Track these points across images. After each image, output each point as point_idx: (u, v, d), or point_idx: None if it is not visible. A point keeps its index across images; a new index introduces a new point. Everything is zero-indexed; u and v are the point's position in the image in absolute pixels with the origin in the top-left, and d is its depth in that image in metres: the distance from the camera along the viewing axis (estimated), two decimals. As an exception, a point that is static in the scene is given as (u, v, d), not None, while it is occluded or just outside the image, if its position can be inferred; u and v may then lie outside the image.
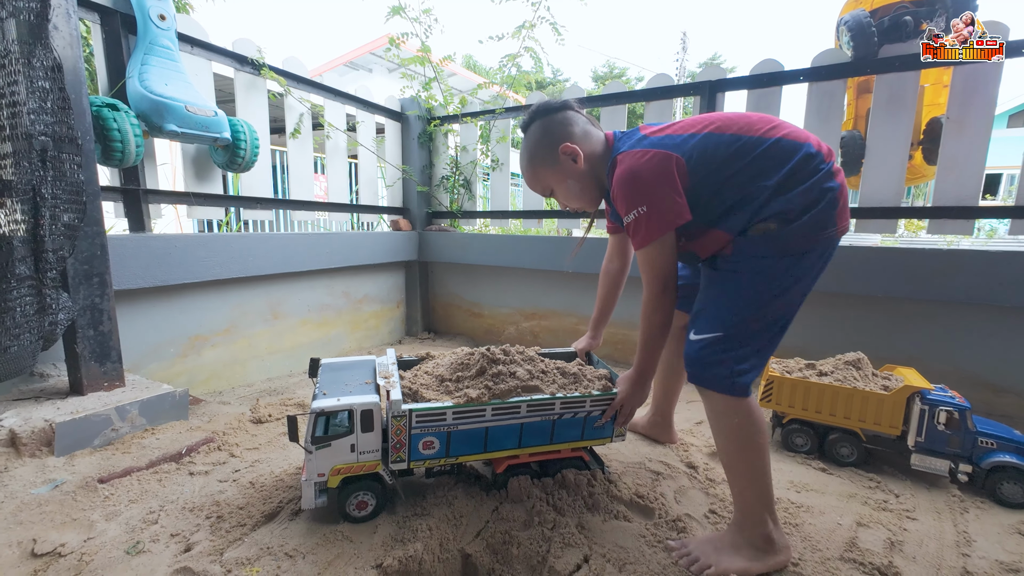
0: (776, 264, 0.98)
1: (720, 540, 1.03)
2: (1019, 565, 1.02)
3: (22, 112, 1.14)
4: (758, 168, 0.99)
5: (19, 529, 1.04)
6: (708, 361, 1.00)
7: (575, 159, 1.14)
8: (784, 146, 0.99)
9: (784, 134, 1.00)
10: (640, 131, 1.13)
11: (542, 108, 1.18)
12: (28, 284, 1.16)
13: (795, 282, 0.99)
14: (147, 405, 1.45)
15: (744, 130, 1.02)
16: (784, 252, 0.98)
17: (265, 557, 0.98)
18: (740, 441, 1.00)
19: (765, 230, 0.99)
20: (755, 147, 1.00)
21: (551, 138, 1.15)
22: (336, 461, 1.07)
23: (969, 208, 1.85)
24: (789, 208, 0.96)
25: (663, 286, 1.06)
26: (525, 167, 1.22)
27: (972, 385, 1.80)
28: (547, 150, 1.16)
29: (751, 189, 0.99)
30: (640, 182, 1.02)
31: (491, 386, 1.13)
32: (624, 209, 1.05)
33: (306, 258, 2.30)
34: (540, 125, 1.17)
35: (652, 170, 1.01)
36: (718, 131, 1.03)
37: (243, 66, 2.07)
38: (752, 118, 1.05)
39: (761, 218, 0.99)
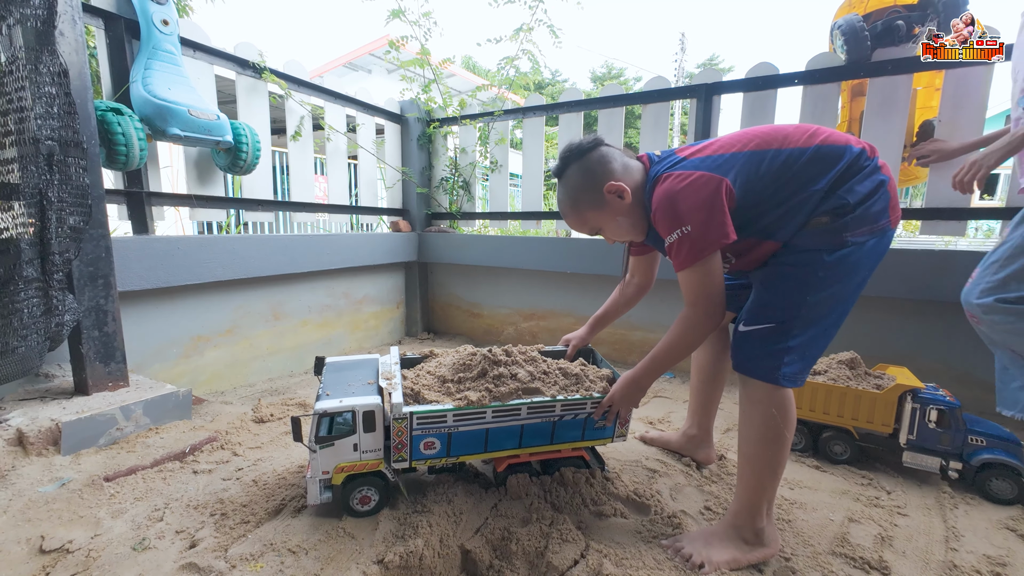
0: (827, 257, 0.97)
1: (711, 534, 1.06)
2: (1005, 559, 1.04)
3: (29, 117, 1.17)
4: (806, 177, 0.98)
5: (27, 526, 1.06)
6: (756, 352, 1.01)
7: (622, 196, 1.09)
8: (826, 152, 0.99)
9: (822, 140, 1.00)
10: (677, 153, 1.12)
11: (575, 150, 1.13)
12: (35, 286, 1.18)
13: (847, 275, 0.98)
14: (151, 405, 1.47)
15: (784, 143, 1.02)
16: (837, 245, 0.97)
17: (269, 553, 1.00)
18: (770, 432, 1.01)
19: (818, 224, 0.99)
20: (798, 158, 0.99)
21: (593, 180, 1.10)
22: (339, 460, 1.10)
23: (961, 209, 1.88)
24: (843, 203, 0.97)
25: (707, 310, 1.02)
26: (568, 212, 1.16)
27: (964, 384, 1.82)
28: (591, 192, 1.11)
29: (801, 197, 0.99)
30: (684, 203, 0.99)
31: (492, 388, 1.14)
32: (666, 230, 1.01)
33: (307, 259, 2.32)
34: (578, 168, 1.12)
35: (697, 191, 0.99)
36: (759, 148, 1.02)
37: (244, 69, 2.10)
38: (788, 130, 1.05)
39: (816, 214, 0.99)
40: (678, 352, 1.07)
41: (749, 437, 1.04)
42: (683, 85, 2.37)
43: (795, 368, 1.00)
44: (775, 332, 1.00)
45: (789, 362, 0.99)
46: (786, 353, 0.99)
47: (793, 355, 0.99)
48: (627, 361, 2.53)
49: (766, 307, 1.02)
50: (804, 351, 1.00)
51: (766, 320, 1.01)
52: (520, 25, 2.85)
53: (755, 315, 1.03)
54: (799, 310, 0.99)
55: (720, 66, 23.98)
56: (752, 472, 1.04)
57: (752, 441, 1.03)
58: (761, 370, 1.01)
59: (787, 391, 1.01)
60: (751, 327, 1.03)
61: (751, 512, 1.04)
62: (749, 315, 1.05)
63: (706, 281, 1.00)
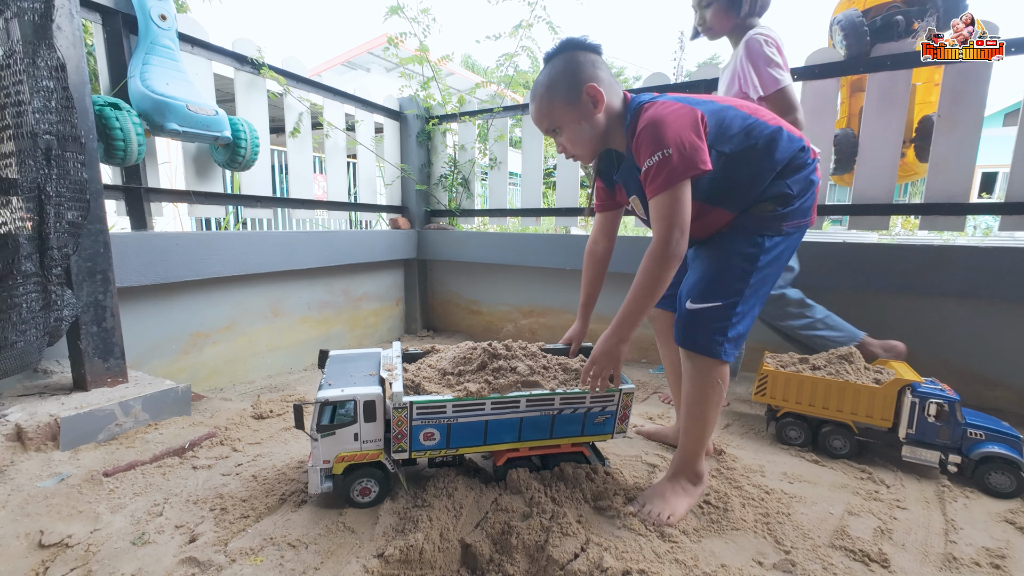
0: (768, 243, 1.09)
1: (664, 489, 1.17)
2: (1004, 551, 1.04)
3: (27, 111, 1.16)
4: (764, 152, 1.07)
5: (26, 521, 1.05)
6: (704, 329, 1.09)
7: (596, 103, 1.09)
8: (785, 135, 1.09)
9: (785, 126, 1.10)
10: (655, 94, 1.15)
11: (574, 41, 1.12)
12: (34, 281, 1.18)
13: (778, 260, 1.12)
14: (150, 400, 1.47)
15: (753, 112, 1.10)
16: (776, 232, 1.09)
17: (269, 547, 1.00)
18: (714, 397, 1.13)
19: (763, 210, 1.09)
20: (764, 129, 1.08)
21: (578, 75, 1.09)
22: (340, 449, 1.10)
23: (960, 205, 1.88)
24: (786, 192, 1.08)
25: (674, 235, 1.00)
26: (540, 96, 1.13)
27: (963, 378, 1.83)
28: (570, 86, 1.10)
29: (755, 169, 1.07)
30: (667, 127, 1.00)
31: (491, 380, 1.15)
32: (648, 151, 1.02)
33: (306, 256, 2.32)
34: (568, 58, 1.11)
35: (680, 118, 1.01)
36: (732, 107, 1.10)
37: (243, 65, 2.09)
38: (755, 105, 1.15)
39: (763, 199, 1.09)
40: (651, 291, 1.04)
41: (696, 401, 1.15)
42: (684, 82, 2.37)
43: (733, 344, 1.10)
44: (720, 310, 1.09)
45: (732, 338, 1.09)
46: (729, 329, 1.09)
47: (733, 331, 1.09)
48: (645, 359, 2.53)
49: (713, 285, 1.11)
50: (740, 328, 1.10)
51: (714, 299, 1.10)
52: (519, 22, 2.85)
53: (703, 294, 1.11)
54: (742, 289, 1.09)
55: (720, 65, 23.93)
56: (698, 429, 1.17)
57: (698, 404, 1.15)
58: (706, 347, 1.10)
59: (725, 366, 1.13)
60: (699, 305, 1.10)
61: (694, 459, 1.19)
62: (696, 292, 1.12)
63: (678, 208, 1.00)
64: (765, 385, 1.56)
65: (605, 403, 1.20)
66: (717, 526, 1.12)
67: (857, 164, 2.05)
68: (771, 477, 1.35)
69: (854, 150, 2.09)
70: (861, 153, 2.03)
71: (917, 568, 1.00)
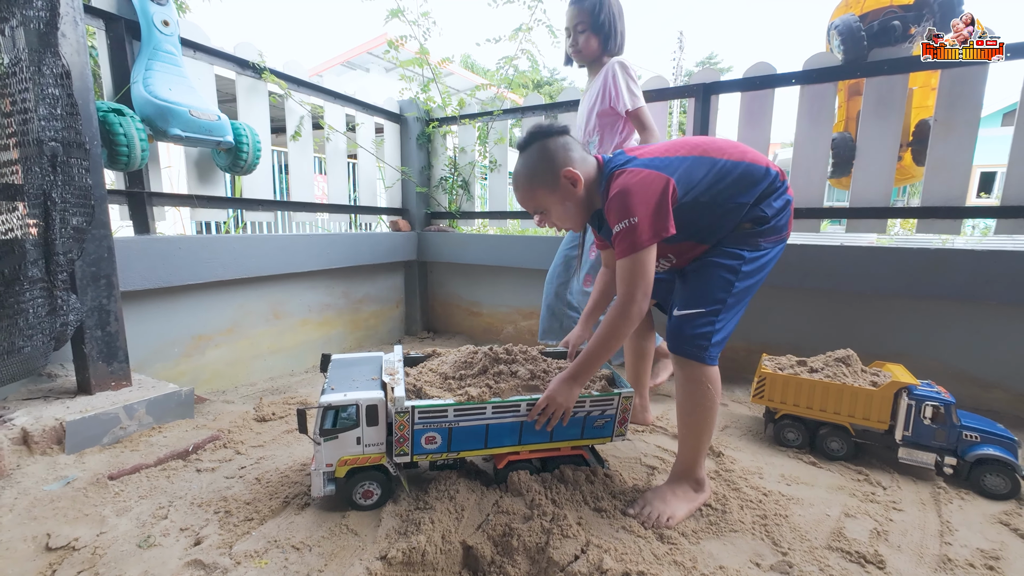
0: (748, 255, 1.17)
1: (664, 493, 1.20)
2: (998, 552, 1.06)
3: (32, 119, 1.18)
4: (736, 189, 1.15)
5: (33, 524, 1.07)
6: (689, 334, 1.16)
7: (575, 184, 1.17)
8: (753, 170, 1.16)
9: (750, 159, 1.17)
10: (627, 153, 1.23)
11: (543, 130, 1.22)
12: (40, 286, 1.19)
13: (758, 272, 1.19)
14: (154, 404, 1.48)
15: (719, 154, 1.17)
16: (754, 247, 1.18)
17: (273, 550, 1.01)
18: (706, 402, 1.17)
19: (742, 229, 1.18)
20: (731, 171, 1.15)
21: (553, 162, 1.18)
22: (343, 453, 1.12)
23: (956, 208, 1.90)
24: (763, 215, 1.17)
25: (636, 296, 1.10)
26: (522, 184, 1.23)
27: (959, 381, 1.84)
28: (548, 173, 1.18)
29: (731, 206, 1.16)
30: (634, 196, 1.08)
31: (492, 384, 1.16)
32: (615, 219, 1.10)
33: (306, 259, 2.33)
34: (541, 147, 1.20)
35: (646, 187, 1.09)
36: (700, 155, 1.16)
37: (244, 69, 2.10)
38: (721, 143, 1.20)
39: (740, 223, 1.18)
40: (613, 341, 1.14)
41: (689, 409, 1.19)
42: (681, 85, 2.38)
43: (716, 350, 1.16)
44: (704, 316, 1.15)
45: (715, 343, 1.15)
46: (713, 335, 1.15)
47: (717, 336, 1.15)
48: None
49: (698, 295, 1.18)
50: (723, 333, 1.17)
51: (697, 305, 1.17)
52: (519, 25, 2.86)
53: (688, 301, 1.18)
54: (724, 298, 1.15)
55: (718, 65, 24.01)
56: (694, 435, 1.20)
57: (691, 412, 1.19)
58: (695, 350, 1.15)
59: (713, 368, 1.17)
60: (685, 311, 1.18)
61: (694, 466, 1.22)
62: (684, 302, 1.19)
63: (641, 271, 1.09)
64: (763, 387, 1.58)
65: (604, 407, 1.22)
66: (715, 528, 1.14)
67: (855, 167, 2.06)
68: (769, 479, 1.36)
69: (852, 153, 2.11)
70: (859, 156, 2.05)
71: (912, 569, 1.02)
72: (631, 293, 1.10)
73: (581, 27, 1.85)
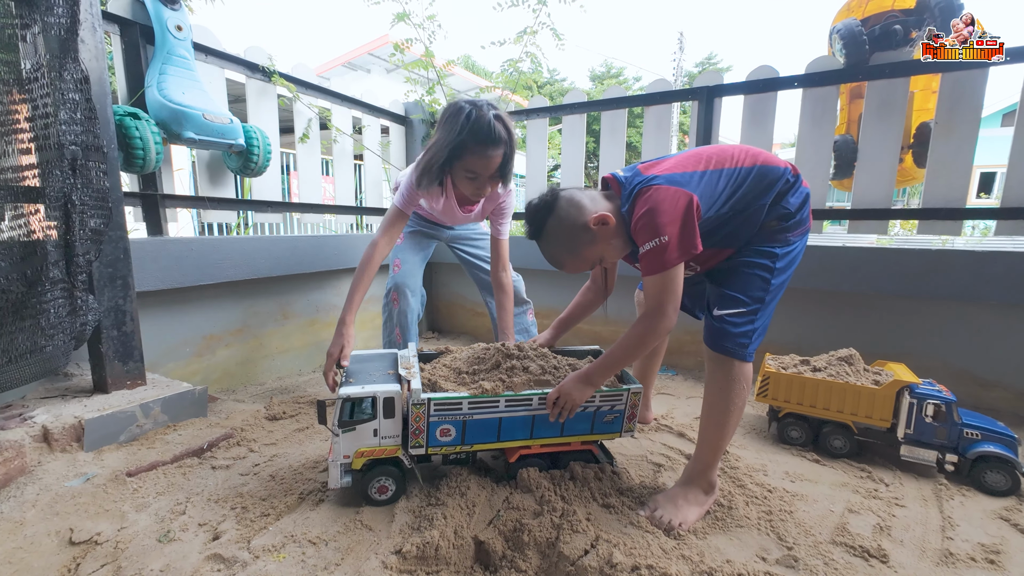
0: (780, 251, 1.18)
1: (676, 496, 1.20)
2: (999, 547, 1.08)
3: (53, 123, 1.20)
4: (754, 192, 1.16)
5: (56, 519, 1.09)
6: (732, 332, 1.16)
7: (606, 223, 1.16)
8: (767, 171, 1.17)
9: (762, 161, 1.18)
10: (640, 169, 1.19)
11: (543, 207, 1.19)
12: (61, 287, 1.22)
13: (790, 266, 1.21)
14: (169, 402, 1.51)
15: (731, 162, 1.18)
16: (784, 243, 1.19)
17: (290, 544, 1.04)
18: (738, 401, 1.17)
19: (769, 226, 1.19)
20: (746, 176, 1.16)
21: (575, 224, 1.17)
22: (360, 444, 1.16)
23: (957, 209, 1.92)
24: (787, 211, 1.18)
25: (666, 311, 1.10)
26: (567, 260, 1.21)
27: (960, 379, 1.87)
28: (580, 233, 1.17)
29: (752, 210, 1.17)
30: (662, 215, 1.08)
31: (505, 379, 1.20)
32: (644, 239, 1.10)
33: (315, 260, 2.36)
34: (555, 220, 1.18)
35: (674, 205, 1.08)
36: (714, 168, 1.16)
37: (254, 73, 2.13)
38: (731, 150, 1.20)
39: (765, 221, 1.19)
40: (635, 352, 1.16)
41: (717, 404, 1.19)
42: (685, 87, 2.41)
43: (754, 346, 1.17)
44: (744, 315, 1.16)
45: (754, 340, 1.17)
46: (752, 333, 1.16)
47: (754, 335, 1.17)
48: None
49: (736, 294, 1.18)
50: (760, 330, 1.18)
51: (737, 305, 1.17)
52: (524, 28, 2.89)
53: (729, 301, 1.18)
54: (764, 296, 1.17)
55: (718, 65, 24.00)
56: (717, 434, 1.20)
57: (721, 409, 1.18)
58: (732, 349, 1.16)
59: (749, 365, 1.19)
60: (724, 311, 1.18)
61: (710, 467, 1.21)
62: (722, 301, 1.19)
63: (671, 287, 1.11)
64: (767, 386, 1.60)
65: (614, 402, 1.24)
66: (722, 523, 1.16)
67: (856, 169, 2.09)
68: (773, 476, 1.39)
69: (853, 156, 2.14)
70: (860, 159, 2.07)
71: (915, 563, 1.04)
72: (662, 308, 1.10)
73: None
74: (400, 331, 1.87)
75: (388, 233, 1.62)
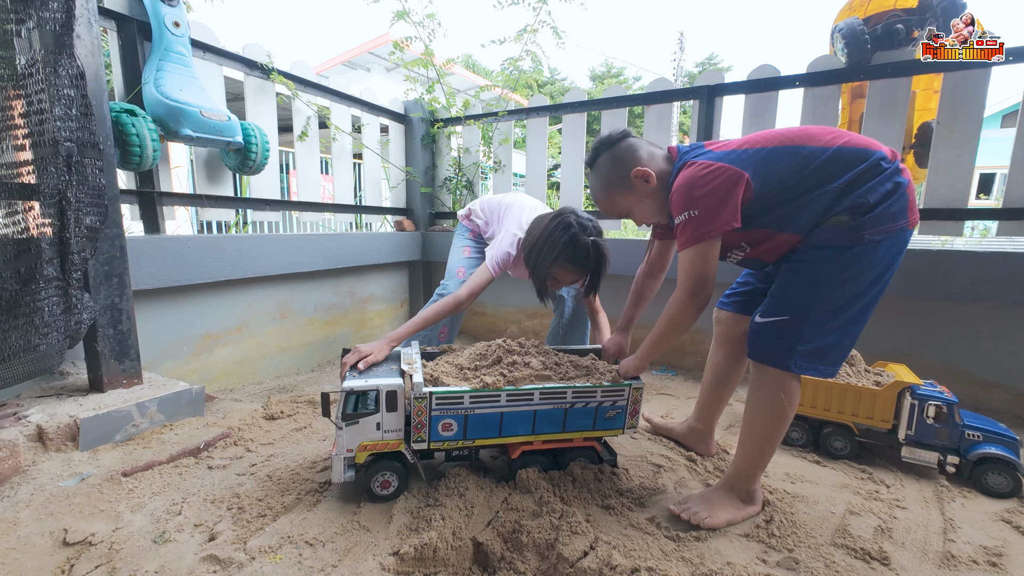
0: (844, 254, 1.03)
1: (711, 496, 1.18)
2: (1001, 549, 1.08)
3: (48, 119, 1.19)
4: (824, 175, 1.04)
5: (50, 520, 1.08)
6: (769, 341, 1.10)
7: (647, 180, 1.19)
8: (847, 153, 1.05)
9: (844, 142, 1.06)
10: (705, 145, 1.19)
11: (605, 141, 1.25)
12: (55, 285, 1.20)
13: (861, 272, 1.04)
14: (165, 402, 1.50)
15: (806, 142, 1.08)
16: (854, 242, 1.03)
17: (287, 545, 1.03)
18: (776, 412, 1.12)
19: (837, 223, 1.04)
20: (818, 156, 1.05)
21: (622, 166, 1.21)
22: (363, 438, 1.16)
23: (958, 210, 1.91)
24: (862, 202, 1.02)
25: (694, 289, 1.10)
26: (601, 196, 1.27)
27: (961, 381, 1.86)
28: (620, 178, 1.22)
29: (817, 193, 1.05)
30: (697, 189, 1.07)
31: (506, 374, 1.20)
32: (676, 211, 1.11)
33: (313, 258, 2.35)
34: (608, 157, 1.24)
35: (712, 180, 1.07)
36: (781, 145, 1.09)
37: (252, 70, 2.12)
38: (813, 130, 1.11)
39: (834, 214, 1.05)
40: (668, 333, 1.18)
41: (756, 414, 1.15)
42: (686, 86, 2.40)
43: (808, 359, 1.07)
44: (788, 324, 1.08)
45: (803, 352, 1.07)
46: (799, 343, 1.06)
47: (807, 345, 1.06)
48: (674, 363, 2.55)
49: (781, 300, 1.10)
50: (819, 342, 1.07)
51: (780, 313, 1.09)
52: (524, 27, 2.88)
53: (770, 308, 1.12)
54: (813, 303, 1.05)
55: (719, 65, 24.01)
56: (755, 443, 1.16)
57: (758, 417, 1.14)
58: (774, 358, 1.10)
59: (796, 378, 1.11)
60: (766, 319, 1.11)
61: (749, 476, 1.17)
62: (766, 308, 1.13)
63: (699, 263, 1.09)
64: (768, 387, 1.59)
65: (616, 397, 1.24)
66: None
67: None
68: (774, 477, 1.38)
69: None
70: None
71: (916, 566, 1.03)
72: (690, 285, 1.10)
73: None
74: (447, 329, 1.94)
75: (473, 294, 1.64)
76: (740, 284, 1.45)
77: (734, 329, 1.42)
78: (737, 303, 1.42)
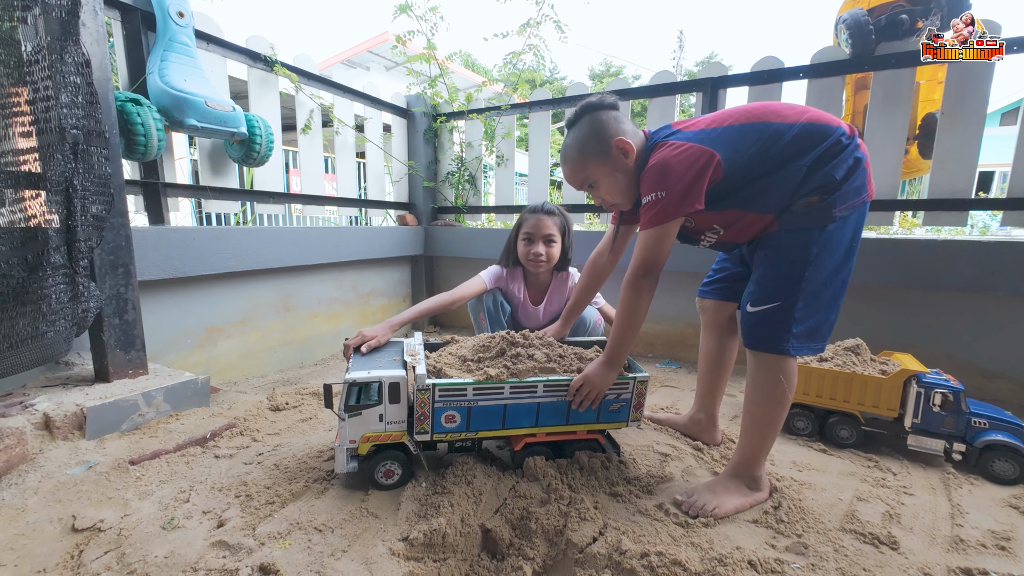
0: (821, 234, 1.06)
1: (717, 484, 1.18)
2: (1009, 534, 1.08)
3: (54, 107, 1.19)
4: (791, 151, 1.06)
5: (59, 507, 1.08)
6: (765, 330, 1.11)
7: (626, 154, 1.16)
8: (812, 129, 1.06)
9: (808, 118, 1.08)
10: (672, 125, 1.19)
11: (594, 103, 1.20)
12: (62, 272, 1.20)
13: (835, 248, 1.07)
14: (171, 392, 1.50)
15: (773, 117, 1.09)
16: (827, 221, 1.06)
17: (296, 531, 1.03)
18: (776, 395, 1.12)
19: (808, 204, 1.07)
20: (785, 132, 1.06)
21: (605, 132, 1.17)
22: (366, 430, 1.15)
23: (963, 200, 1.91)
24: (829, 181, 1.05)
25: (645, 269, 1.11)
26: (572, 157, 1.21)
27: (966, 370, 1.86)
28: (600, 144, 1.17)
29: (786, 171, 1.06)
30: (668, 170, 1.07)
31: (510, 366, 1.19)
32: (646, 191, 1.10)
33: (316, 252, 2.35)
34: (592, 119, 1.19)
35: (683, 160, 1.06)
36: (748, 121, 1.09)
37: (256, 63, 2.11)
38: (777, 107, 1.12)
39: (803, 194, 1.07)
40: (631, 321, 1.16)
41: (757, 399, 1.15)
42: (690, 79, 2.40)
43: (802, 339, 1.10)
44: (780, 310, 1.09)
45: (797, 334, 1.09)
46: (793, 325, 1.08)
47: (799, 327, 1.09)
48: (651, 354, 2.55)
49: (769, 288, 1.11)
50: (809, 322, 1.09)
51: (770, 300, 1.10)
52: (527, 20, 2.87)
53: (760, 296, 1.12)
54: (799, 285, 1.07)
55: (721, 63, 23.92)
56: (757, 428, 1.16)
57: (758, 402, 1.15)
58: (771, 344, 1.11)
59: (793, 360, 1.12)
60: (758, 308, 1.12)
61: (753, 462, 1.17)
62: (755, 296, 1.13)
63: (655, 245, 1.10)
64: (773, 377, 1.59)
65: (620, 391, 1.23)
66: (731, 511, 1.15)
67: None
68: (781, 466, 1.38)
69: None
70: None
71: (926, 550, 1.03)
72: (641, 264, 1.11)
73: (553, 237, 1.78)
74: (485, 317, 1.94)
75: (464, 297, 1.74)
76: (716, 271, 1.45)
77: (719, 315, 1.43)
78: (718, 290, 1.42)
